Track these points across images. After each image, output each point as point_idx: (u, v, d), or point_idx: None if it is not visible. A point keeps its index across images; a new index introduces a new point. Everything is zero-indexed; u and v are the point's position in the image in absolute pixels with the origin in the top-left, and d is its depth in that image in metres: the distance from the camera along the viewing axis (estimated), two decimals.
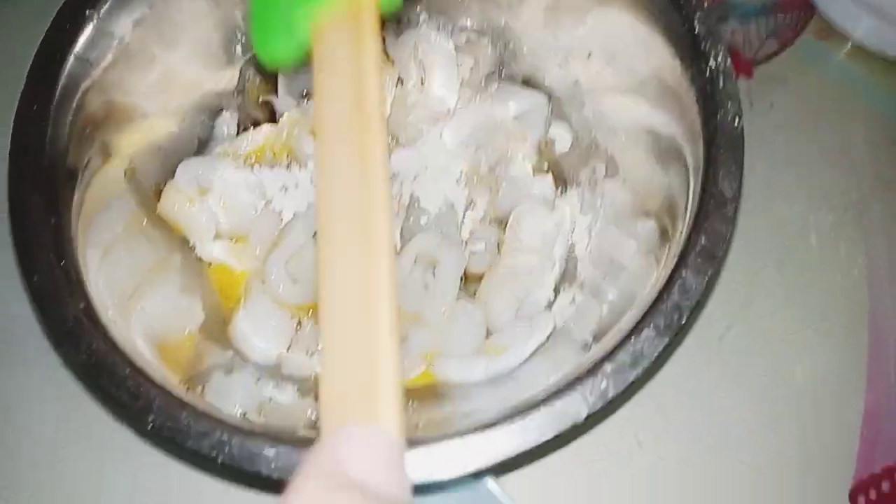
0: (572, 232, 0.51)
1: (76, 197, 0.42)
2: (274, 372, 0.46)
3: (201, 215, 0.48)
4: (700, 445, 0.51)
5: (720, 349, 0.54)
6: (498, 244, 0.51)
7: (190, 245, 0.49)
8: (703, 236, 0.37)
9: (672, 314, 0.36)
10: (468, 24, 0.54)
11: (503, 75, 0.55)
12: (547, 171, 0.53)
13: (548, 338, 0.47)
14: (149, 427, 0.35)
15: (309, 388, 0.46)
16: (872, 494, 0.50)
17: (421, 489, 0.33)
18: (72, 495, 0.48)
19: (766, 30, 0.61)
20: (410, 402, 0.46)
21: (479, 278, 0.50)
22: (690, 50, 0.41)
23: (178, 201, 0.48)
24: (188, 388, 0.39)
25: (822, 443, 0.51)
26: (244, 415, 0.38)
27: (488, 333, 0.48)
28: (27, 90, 0.41)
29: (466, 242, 0.51)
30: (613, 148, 0.49)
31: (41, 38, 0.42)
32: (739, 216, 0.40)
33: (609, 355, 0.36)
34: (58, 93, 0.41)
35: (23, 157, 0.40)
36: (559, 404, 0.35)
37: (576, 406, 0.35)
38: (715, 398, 0.52)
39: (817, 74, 0.61)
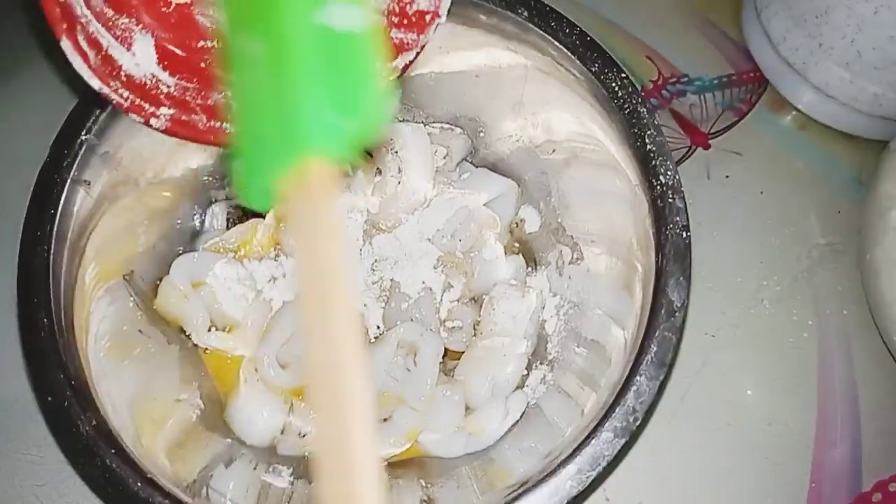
0: (542, 311, 0.55)
1: (79, 307, 0.46)
2: (270, 455, 0.50)
3: (196, 308, 0.52)
4: (661, 496, 0.56)
5: (681, 407, 0.58)
6: (473, 323, 0.55)
7: (186, 335, 0.53)
8: (655, 343, 0.41)
9: (627, 417, 0.40)
10: (441, 115, 0.57)
11: (475, 161, 0.59)
12: (518, 252, 0.57)
13: (521, 415, 0.51)
14: None
15: (303, 470, 0.50)
16: None
17: None
18: None
19: (723, 103, 0.65)
20: (397, 479, 0.50)
21: (458, 356, 0.54)
22: (644, 165, 0.45)
23: (173, 296, 0.52)
24: (196, 489, 0.43)
25: (775, 492, 0.56)
26: None
27: (467, 409, 0.52)
28: (30, 215, 0.44)
29: (444, 322, 0.55)
30: (578, 235, 0.53)
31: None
32: (694, 280, 0.44)
33: (571, 456, 0.40)
34: (58, 215, 0.45)
35: (29, 281, 0.43)
36: (530, 501, 0.39)
37: None
38: (676, 453, 0.57)
39: (770, 145, 0.65)
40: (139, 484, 0.39)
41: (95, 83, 0.40)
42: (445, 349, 0.53)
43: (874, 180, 0.59)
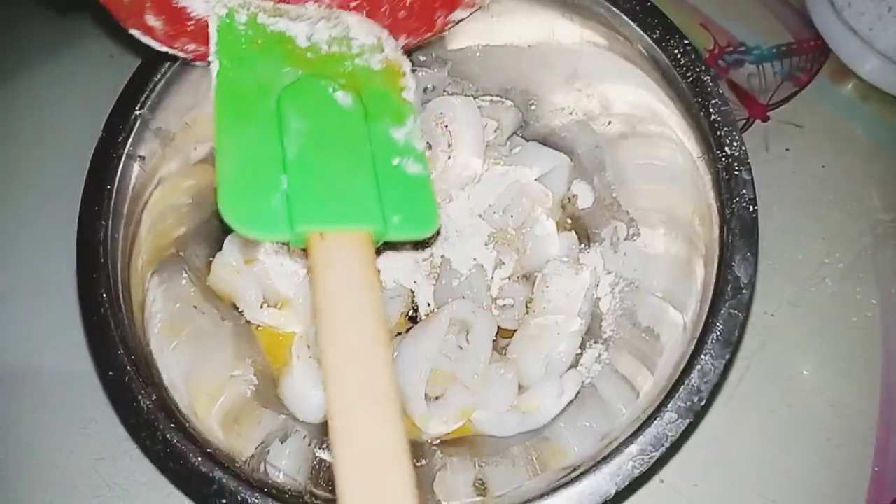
0: (596, 288, 0.54)
1: (135, 283, 0.46)
2: (323, 432, 0.50)
3: (248, 284, 0.52)
4: (717, 481, 0.54)
5: (737, 390, 0.57)
6: (526, 302, 0.54)
7: (239, 311, 0.53)
8: (720, 321, 0.40)
9: (692, 397, 0.39)
10: (491, 87, 0.56)
11: (526, 135, 0.58)
12: (570, 229, 0.56)
13: (576, 394, 0.51)
14: None
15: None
16: None
17: None
18: None
19: (782, 73, 0.63)
20: (450, 457, 0.50)
21: (509, 334, 0.54)
22: (707, 136, 0.43)
23: (226, 273, 0.52)
24: (254, 465, 0.43)
25: (835, 478, 0.55)
26: (308, 490, 0.42)
27: (521, 389, 0.51)
28: (87, 191, 0.44)
29: (496, 300, 0.54)
30: (634, 210, 0.52)
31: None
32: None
33: (633, 436, 0.39)
34: (115, 190, 0.45)
35: (88, 256, 0.43)
36: (588, 484, 0.39)
37: (605, 486, 0.39)
38: (731, 436, 0.55)
39: (832, 117, 0.63)
40: (199, 458, 0.40)
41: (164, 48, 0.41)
42: (498, 327, 0.52)
43: None
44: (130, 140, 0.46)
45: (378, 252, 0.40)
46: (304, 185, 0.38)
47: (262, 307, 0.53)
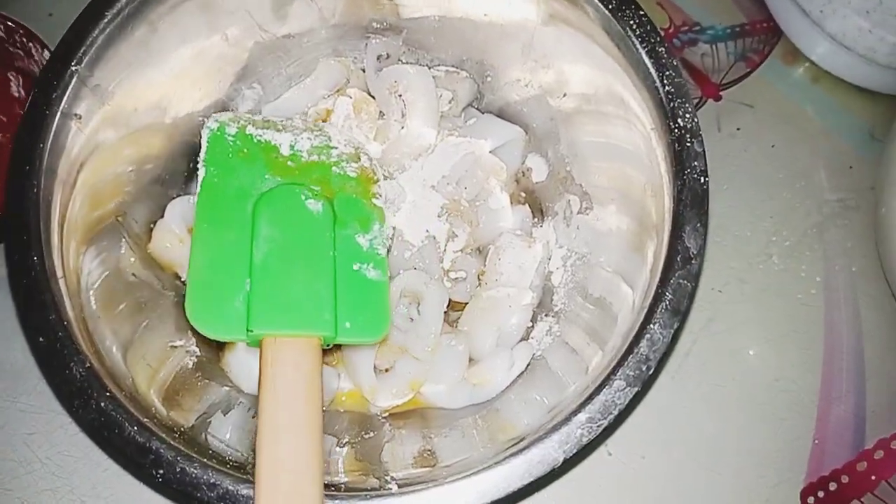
0: (548, 262, 0.53)
1: (70, 248, 0.44)
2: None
3: None
4: (664, 454, 0.55)
5: (684, 364, 0.57)
6: (478, 274, 0.53)
7: (182, 281, 0.51)
8: (669, 291, 0.40)
9: (640, 365, 0.39)
10: (446, 58, 0.55)
11: (481, 107, 0.57)
12: (524, 202, 0.55)
13: (526, 367, 0.50)
14: (158, 480, 0.38)
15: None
16: (821, 494, 0.55)
17: None
18: None
19: (735, 54, 0.64)
20: (399, 429, 0.49)
21: (461, 306, 0.53)
22: (661, 108, 0.43)
23: (168, 240, 0.50)
24: (194, 435, 0.41)
25: (778, 449, 0.56)
26: (250, 461, 0.41)
27: (471, 361, 0.51)
28: (17, 149, 0.42)
29: (448, 272, 0.53)
30: (588, 184, 0.52)
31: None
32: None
33: (582, 405, 0.39)
34: (48, 149, 0.42)
35: (17, 217, 0.41)
36: (536, 452, 0.38)
37: (553, 454, 0.38)
38: (678, 410, 0.56)
39: (783, 98, 0.63)
40: (135, 428, 0.38)
41: None
42: (449, 300, 0.51)
43: (890, 134, 0.57)
44: (66, 97, 0.43)
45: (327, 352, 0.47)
46: (264, 290, 0.43)
47: None
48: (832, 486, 0.55)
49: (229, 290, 0.42)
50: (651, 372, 0.39)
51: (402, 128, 0.53)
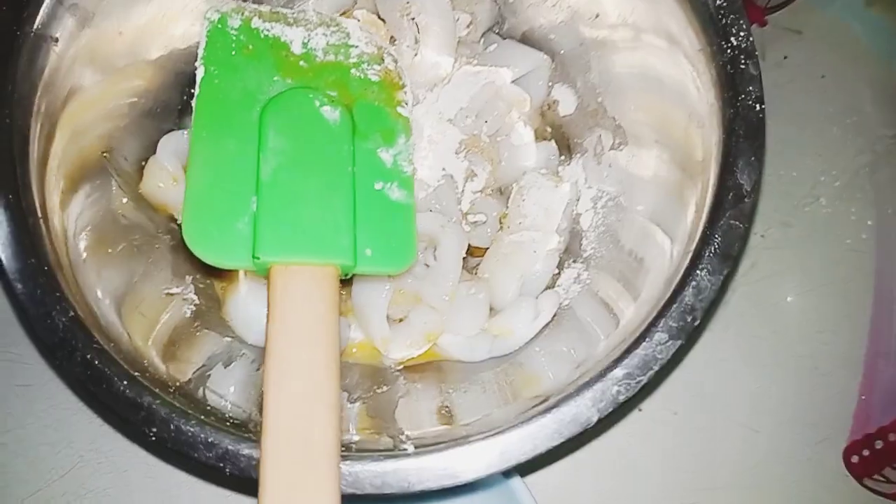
0: (577, 203, 0.49)
1: (52, 186, 0.40)
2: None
3: None
4: (698, 410, 0.51)
5: (721, 314, 0.53)
6: (499, 217, 0.49)
7: (178, 224, 0.47)
8: (719, 234, 0.36)
9: (685, 316, 0.35)
10: None
11: (502, 32, 0.51)
12: (550, 138, 0.51)
13: (552, 317, 0.46)
14: (151, 438, 0.34)
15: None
16: (866, 453, 0.51)
17: (452, 490, 0.33)
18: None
19: None
20: (414, 383, 0.45)
21: (481, 252, 0.49)
22: (710, 25, 0.38)
23: (161, 179, 0.46)
24: (191, 390, 0.38)
25: (820, 404, 0.52)
26: (252, 419, 0.38)
27: (492, 311, 0.47)
28: None
29: (466, 215, 0.49)
30: (622, 117, 0.47)
31: None
32: None
33: (619, 360, 0.35)
34: (18, 73, 0.38)
35: None
36: (567, 410, 0.35)
37: (586, 413, 0.34)
38: (714, 362, 0.52)
39: (833, 23, 0.58)
40: (125, 382, 0.35)
41: None
42: (468, 245, 0.47)
43: None
44: (40, 16, 0.39)
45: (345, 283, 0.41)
46: (272, 211, 0.37)
47: None
48: (878, 445, 0.51)
49: (232, 209, 0.37)
50: (697, 324, 0.35)
51: (416, 55, 0.48)
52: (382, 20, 0.49)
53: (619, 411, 0.35)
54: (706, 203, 0.37)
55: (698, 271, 0.35)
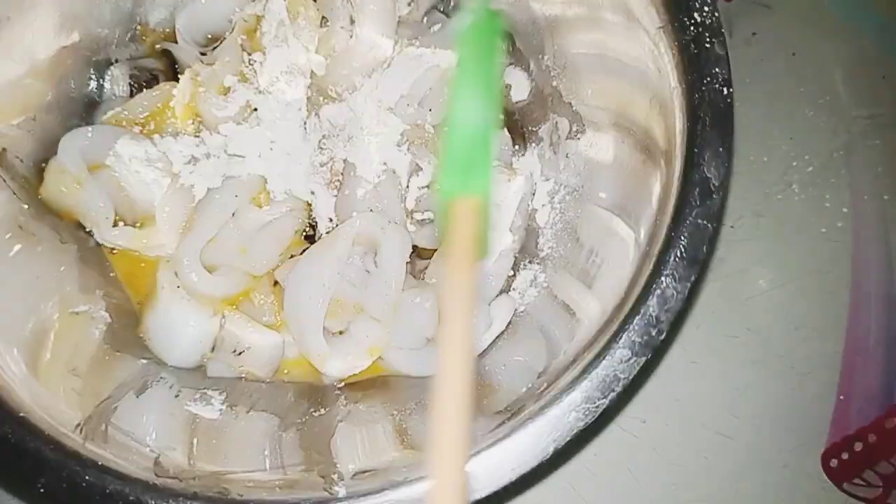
0: (532, 198, 0.45)
1: None
2: (197, 380, 0.41)
3: (94, 198, 0.41)
4: (669, 416, 0.48)
5: (694, 312, 0.50)
6: None
7: (87, 231, 0.42)
8: (684, 235, 0.32)
9: (649, 329, 0.31)
10: None
11: (448, 10, 0.47)
12: (502, 127, 0.46)
13: (507, 324, 0.42)
14: (40, 491, 0.30)
15: (239, 396, 0.40)
16: (845, 456, 0.48)
17: None
18: None
19: None
20: (357, 403, 0.41)
21: (429, 254, 0.45)
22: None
23: (64, 183, 0.41)
24: (92, 427, 0.33)
25: (797, 406, 0.49)
26: (158, 458, 0.33)
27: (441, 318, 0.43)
28: None
29: (412, 213, 0.45)
30: (579, 103, 0.43)
31: None
32: None
33: (576, 379, 0.31)
34: None
35: None
36: (521, 440, 0.31)
37: (542, 443, 0.30)
38: (685, 364, 0.49)
39: None
40: (10, 427, 0.30)
41: None
42: (414, 246, 0.43)
43: None
44: None
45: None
46: None
47: (115, 226, 0.42)
48: (857, 447, 0.48)
49: None
50: (663, 337, 0.31)
51: (351, 36, 0.43)
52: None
53: (581, 439, 0.31)
54: (671, 199, 0.33)
55: (663, 278, 0.31)
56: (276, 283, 0.43)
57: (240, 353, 0.42)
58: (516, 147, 0.46)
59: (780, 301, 0.50)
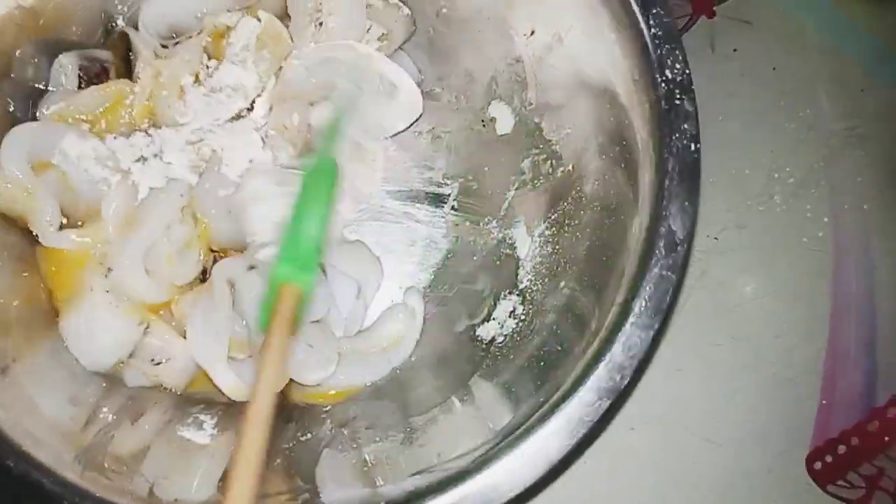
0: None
1: None
2: (187, 404, 0.42)
3: (43, 207, 0.40)
4: (653, 421, 0.50)
5: (676, 322, 0.52)
6: None
7: (33, 235, 0.41)
8: (650, 285, 0.34)
9: (613, 375, 0.33)
10: None
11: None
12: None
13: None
14: None
15: (230, 420, 0.41)
16: (829, 459, 0.51)
17: None
18: None
19: None
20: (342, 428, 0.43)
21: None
22: (643, 55, 0.35)
23: (10, 193, 0.39)
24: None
25: (781, 411, 0.51)
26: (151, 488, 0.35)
27: (361, 331, 0.45)
28: None
29: None
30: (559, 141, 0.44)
31: None
32: None
33: (540, 420, 0.33)
34: None
35: None
36: (483, 480, 0.33)
37: (506, 483, 0.33)
38: (670, 373, 0.51)
39: (784, 13, 0.55)
40: None
41: None
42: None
43: None
44: None
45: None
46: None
47: (61, 230, 0.41)
48: (841, 449, 0.51)
49: None
50: (627, 383, 0.33)
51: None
52: (287, 22, 0.45)
53: (549, 477, 0.34)
54: (637, 249, 0.35)
55: (627, 326, 0.34)
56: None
57: (157, 363, 0.41)
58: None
59: (764, 309, 0.52)
